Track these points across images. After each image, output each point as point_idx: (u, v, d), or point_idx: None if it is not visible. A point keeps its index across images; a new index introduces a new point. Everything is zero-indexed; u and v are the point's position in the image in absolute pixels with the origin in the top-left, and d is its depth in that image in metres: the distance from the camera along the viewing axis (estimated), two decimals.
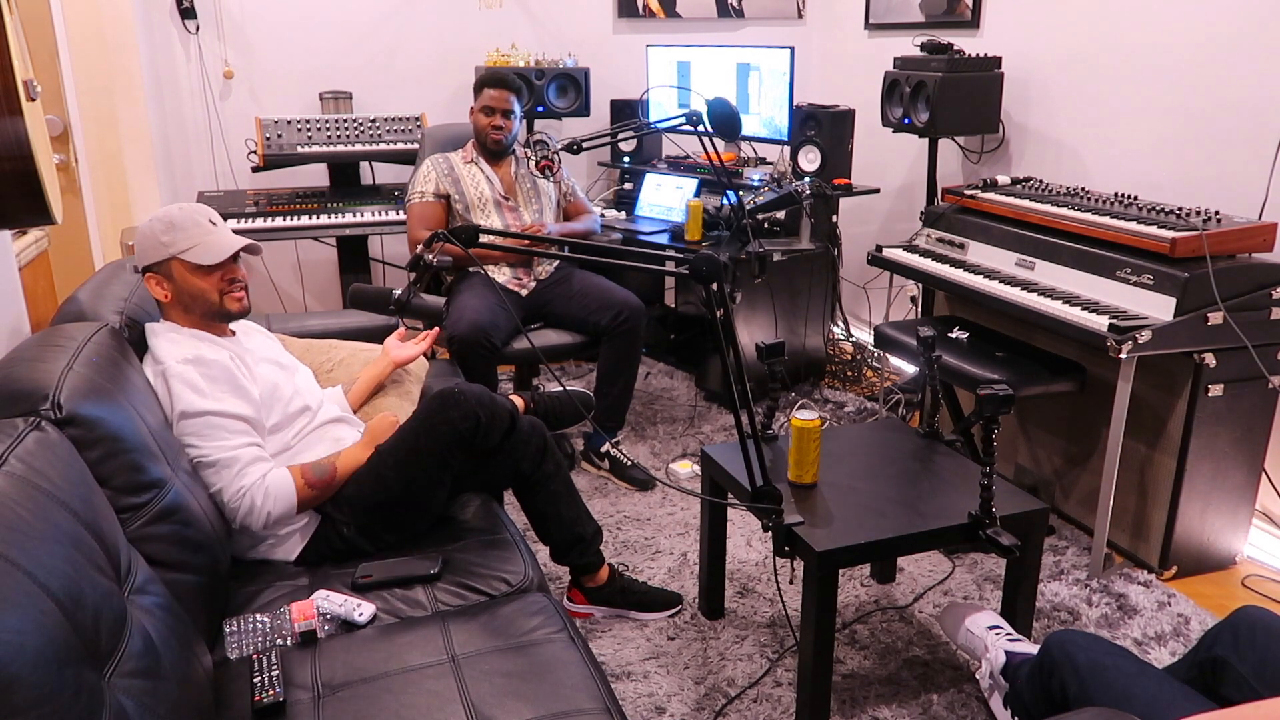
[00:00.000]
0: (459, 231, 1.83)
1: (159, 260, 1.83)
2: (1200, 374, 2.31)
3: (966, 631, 2.03)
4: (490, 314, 2.85)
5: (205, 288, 1.85)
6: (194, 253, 1.82)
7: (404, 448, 1.89)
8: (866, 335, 4.14)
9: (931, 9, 3.75)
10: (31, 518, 1.15)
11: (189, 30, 3.70)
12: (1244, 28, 2.59)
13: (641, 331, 3.01)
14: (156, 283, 1.85)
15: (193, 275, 1.83)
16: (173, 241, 1.82)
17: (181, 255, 1.82)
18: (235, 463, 1.74)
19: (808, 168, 3.56)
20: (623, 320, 2.96)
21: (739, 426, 1.74)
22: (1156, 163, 2.90)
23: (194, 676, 1.37)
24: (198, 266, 1.83)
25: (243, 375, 1.81)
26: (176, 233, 1.82)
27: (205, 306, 1.87)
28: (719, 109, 2.82)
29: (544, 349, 3.03)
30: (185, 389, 1.73)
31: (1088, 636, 1.58)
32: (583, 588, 2.25)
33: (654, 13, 4.31)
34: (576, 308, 3.04)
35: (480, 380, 2.79)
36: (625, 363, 3.02)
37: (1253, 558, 2.58)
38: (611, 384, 3.03)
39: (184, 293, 1.85)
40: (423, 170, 3.11)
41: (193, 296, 1.85)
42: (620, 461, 3.01)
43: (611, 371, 3.02)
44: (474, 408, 1.90)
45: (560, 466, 2.13)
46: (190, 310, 1.87)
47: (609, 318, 2.97)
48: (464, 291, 2.98)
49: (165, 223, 1.83)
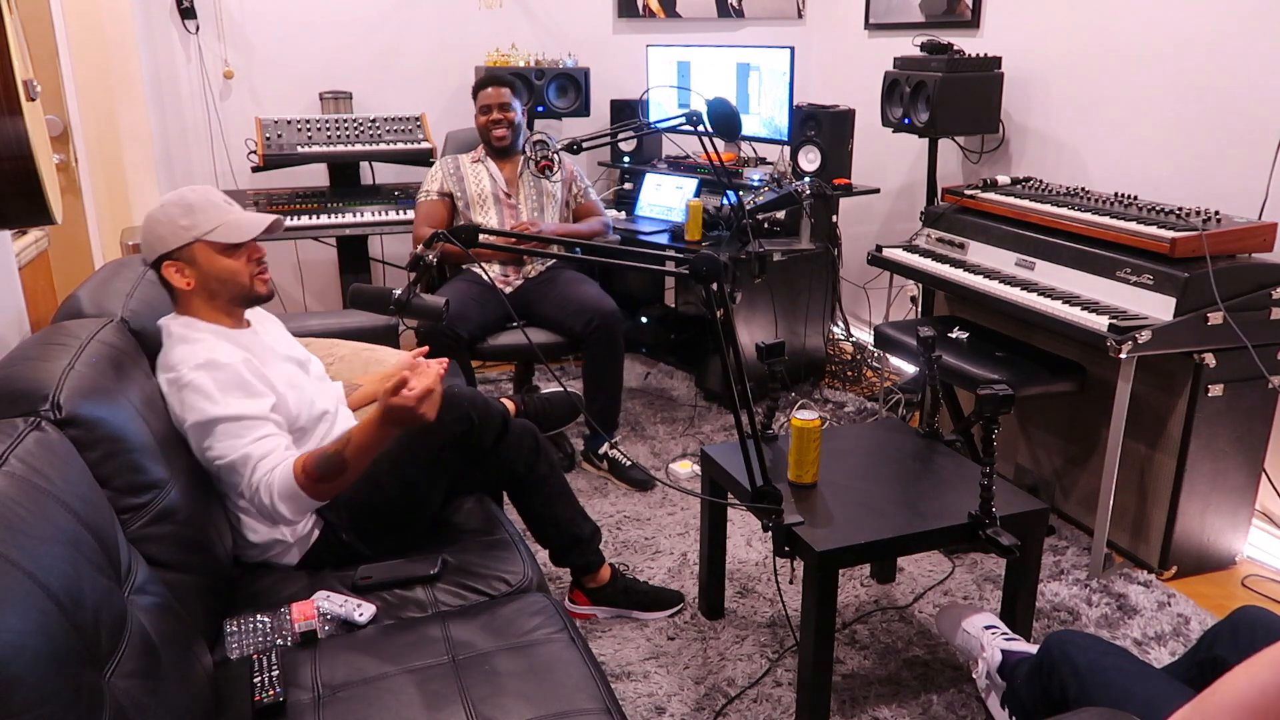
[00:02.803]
0: (459, 231, 1.83)
1: (181, 245, 1.73)
2: (1200, 374, 2.31)
3: (963, 632, 2.03)
4: (459, 305, 2.82)
5: (235, 268, 1.76)
6: (219, 232, 1.74)
7: (399, 451, 1.86)
8: (866, 335, 4.14)
9: (931, 9, 3.75)
10: (31, 518, 1.15)
11: (189, 30, 3.70)
12: (1244, 28, 2.59)
13: (618, 336, 2.97)
14: (177, 270, 1.75)
15: (221, 256, 1.75)
16: (194, 224, 1.73)
17: (206, 237, 1.73)
18: (247, 461, 1.69)
19: (808, 168, 3.56)
20: (595, 327, 2.92)
21: (739, 426, 1.74)
22: (1156, 163, 2.89)
23: (194, 676, 1.37)
24: (226, 246, 1.75)
25: (255, 376, 1.74)
26: (197, 215, 1.74)
27: (234, 290, 1.79)
28: (719, 109, 2.82)
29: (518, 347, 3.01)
30: (197, 397, 1.67)
31: (1087, 637, 1.58)
32: (584, 589, 2.25)
33: (654, 13, 4.31)
34: (556, 309, 3.02)
35: None
36: (607, 367, 3.00)
37: (1253, 558, 2.58)
38: (598, 388, 3.02)
39: (210, 278, 1.76)
40: (432, 170, 3.20)
41: (220, 280, 1.76)
42: (619, 462, 3.01)
43: (595, 376, 3.01)
44: (467, 410, 1.89)
45: (554, 468, 2.12)
46: (216, 297, 1.78)
47: (582, 323, 2.93)
48: (448, 286, 3.04)
49: (182, 206, 1.74)
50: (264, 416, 1.72)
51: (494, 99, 3.12)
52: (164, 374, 1.73)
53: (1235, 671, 0.82)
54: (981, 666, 1.95)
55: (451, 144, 3.50)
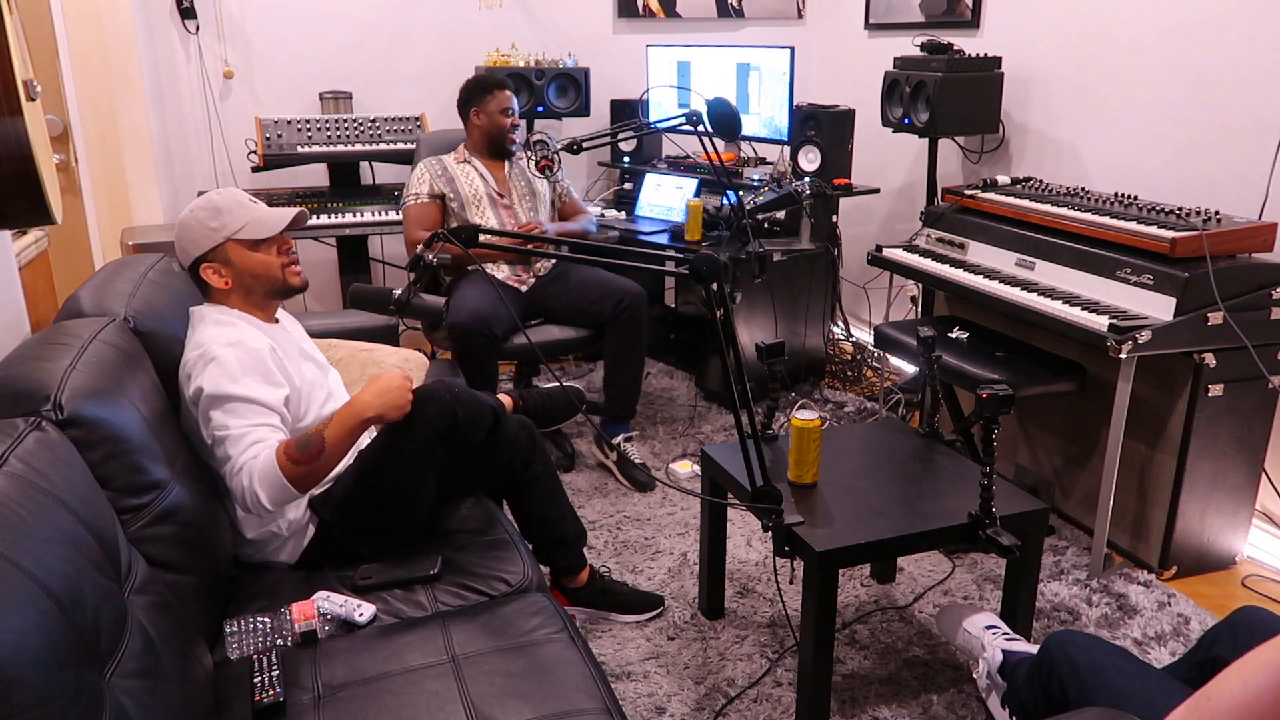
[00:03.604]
0: (459, 231, 1.83)
1: (214, 246, 1.82)
2: (1200, 374, 2.31)
3: (964, 632, 2.03)
4: (491, 305, 2.87)
5: (268, 262, 1.85)
6: (248, 229, 1.82)
7: (384, 449, 1.86)
8: (866, 335, 4.14)
9: (931, 9, 3.75)
10: (32, 518, 1.15)
11: (189, 30, 3.70)
12: (1244, 25, 2.59)
13: (645, 317, 3.03)
14: (214, 271, 1.83)
15: (252, 252, 1.83)
16: (223, 225, 1.81)
17: (236, 236, 1.82)
18: (242, 440, 1.68)
19: (808, 168, 3.56)
20: (625, 308, 2.98)
21: (739, 426, 1.74)
22: (1156, 163, 2.90)
23: (194, 676, 1.37)
24: (256, 242, 1.83)
25: (277, 366, 1.79)
26: (225, 216, 1.82)
27: (269, 284, 1.86)
28: (719, 109, 2.82)
29: (547, 344, 3.05)
30: (219, 371, 1.70)
31: (1087, 637, 1.58)
32: (563, 589, 2.23)
33: (654, 13, 4.31)
34: (577, 300, 3.06)
35: (480, 372, 2.80)
36: (631, 349, 3.04)
37: (1253, 558, 2.58)
38: (620, 372, 3.05)
39: (246, 274, 1.84)
40: (416, 173, 3.13)
41: (255, 276, 1.84)
42: (627, 457, 3.02)
43: (618, 359, 3.04)
44: (450, 404, 1.85)
45: (549, 466, 2.12)
46: (252, 292, 1.86)
47: (611, 306, 2.98)
48: (465, 286, 2.99)
49: (210, 209, 1.82)
50: (274, 407, 1.75)
51: (510, 102, 3.15)
52: (191, 351, 1.75)
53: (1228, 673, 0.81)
54: (982, 666, 1.95)
55: (426, 147, 3.34)
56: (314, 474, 1.71)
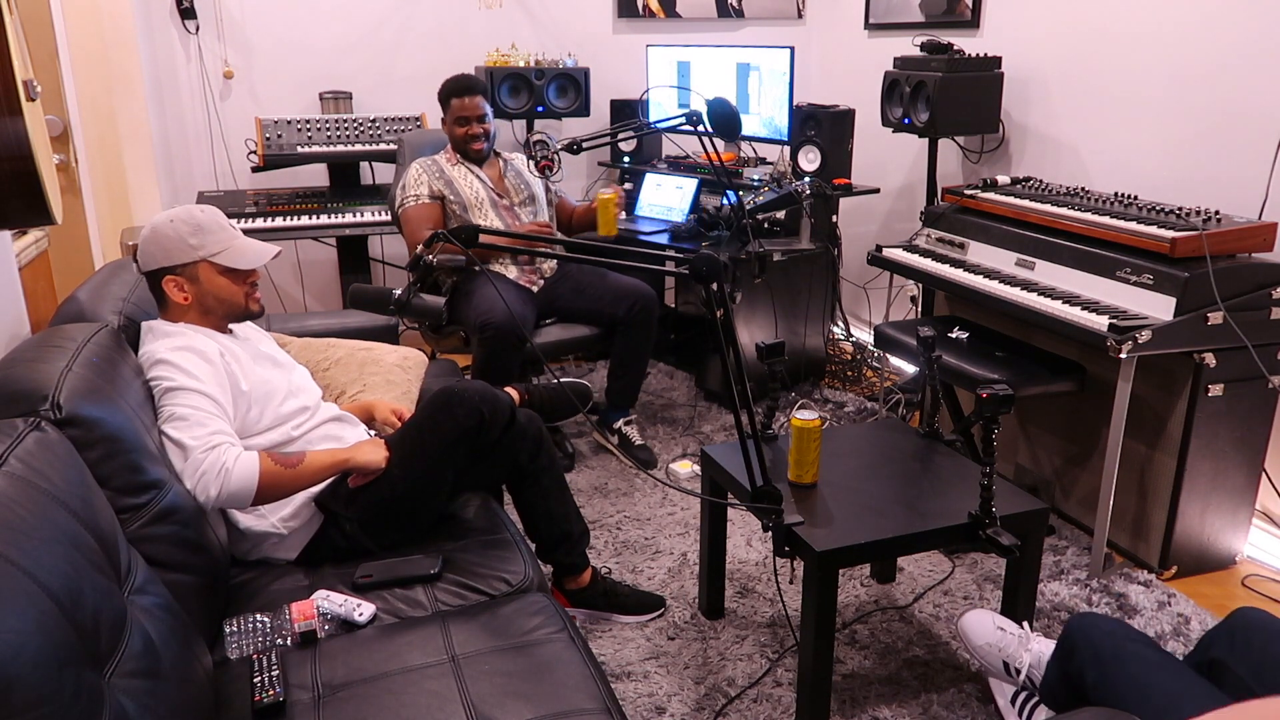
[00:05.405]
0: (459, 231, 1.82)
1: (186, 263, 1.81)
2: (1200, 374, 2.30)
3: (997, 629, 1.95)
4: (520, 306, 2.90)
5: (235, 290, 1.86)
6: (226, 255, 1.82)
7: (409, 446, 1.89)
8: (866, 335, 4.14)
9: (931, 9, 3.75)
10: (31, 518, 1.15)
11: (189, 30, 3.70)
12: (1244, 28, 2.59)
13: (655, 318, 3.06)
14: (177, 285, 1.82)
15: (222, 277, 1.84)
16: (202, 244, 1.81)
17: (213, 258, 1.82)
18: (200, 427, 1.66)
19: (808, 168, 3.56)
20: (639, 310, 3.02)
21: (739, 426, 1.74)
22: (1156, 163, 2.90)
23: (194, 676, 1.37)
24: (229, 270, 1.83)
25: (225, 369, 1.78)
26: (205, 235, 1.81)
27: (230, 308, 1.87)
28: (719, 109, 2.82)
29: (559, 343, 3.08)
30: (170, 370, 1.71)
31: (1111, 621, 1.56)
32: (564, 589, 2.22)
33: (654, 13, 4.31)
34: (588, 300, 3.07)
35: (503, 372, 2.81)
36: (641, 349, 3.09)
37: (1253, 558, 2.58)
38: (626, 369, 3.10)
39: (210, 295, 1.84)
40: (412, 174, 3.06)
41: (219, 299, 1.85)
42: (630, 439, 3.07)
43: (627, 358, 3.09)
44: (478, 404, 1.90)
45: (554, 461, 2.13)
46: (210, 313, 1.86)
47: (625, 308, 3.01)
48: (484, 286, 2.92)
49: (192, 225, 1.81)
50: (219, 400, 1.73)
51: (471, 110, 3.04)
52: (144, 361, 1.76)
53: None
54: (1026, 659, 1.87)
55: (411, 148, 3.29)
56: (282, 483, 1.73)
